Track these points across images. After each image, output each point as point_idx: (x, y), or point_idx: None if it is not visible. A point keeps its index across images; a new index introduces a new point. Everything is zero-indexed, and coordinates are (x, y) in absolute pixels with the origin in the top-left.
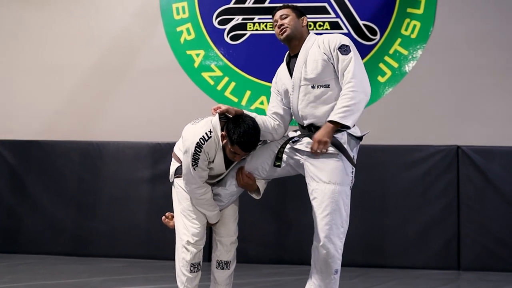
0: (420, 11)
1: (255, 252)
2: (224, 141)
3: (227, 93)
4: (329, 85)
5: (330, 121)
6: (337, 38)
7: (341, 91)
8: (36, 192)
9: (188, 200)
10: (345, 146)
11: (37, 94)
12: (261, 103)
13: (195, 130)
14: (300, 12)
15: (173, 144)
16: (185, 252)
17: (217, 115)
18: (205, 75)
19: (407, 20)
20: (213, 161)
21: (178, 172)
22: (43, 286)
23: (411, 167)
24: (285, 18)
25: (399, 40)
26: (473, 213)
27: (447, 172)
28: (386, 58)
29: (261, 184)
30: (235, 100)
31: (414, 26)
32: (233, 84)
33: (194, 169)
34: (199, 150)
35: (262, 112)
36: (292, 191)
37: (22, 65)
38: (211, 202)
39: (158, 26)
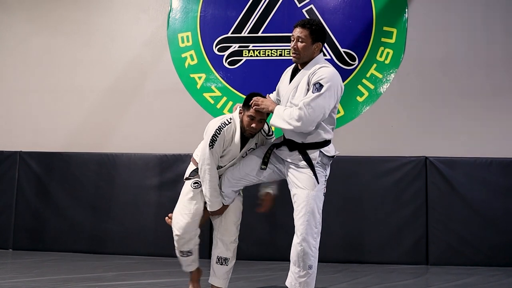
0: (392, 41)
1: (250, 251)
2: (241, 114)
3: (225, 111)
4: None
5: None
6: (320, 76)
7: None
8: (58, 197)
9: (185, 196)
10: (315, 162)
11: (60, 112)
12: None
13: (219, 118)
14: (316, 37)
15: (178, 155)
16: (175, 241)
17: (238, 108)
18: (206, 95)
19: (382, 48)
20: (230, 145)
21: (191, 174)
22: (64, 279)
23: (385, 176)
24: (300, 41)
25: (374, 65)
26: (439, 215)
27: (417, 180)
28: (364, 81)
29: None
30: None
31: (388, 53)
32: (230, 103)
33: (210, 149)
34: (218, 132)
35: None
36: (281, 198)
37: (47, 87)
38: (216, 188)
39: (165, 53)
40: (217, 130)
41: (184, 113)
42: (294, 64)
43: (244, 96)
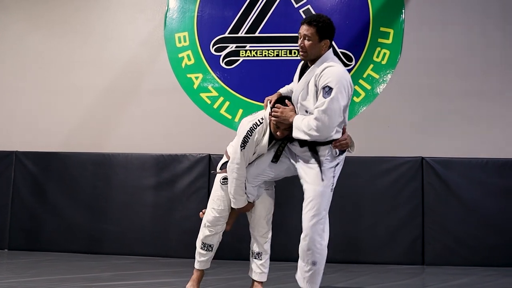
0: (389, 41)
1: (248, 251)
2: (270, 117)
3: (222, 111)
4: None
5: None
6: (327, 78)
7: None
8: (55, 197)
9: (215, 191)
10: (324, 159)
11: (56, 112)
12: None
13: (251, 118)
14: (324, 35)
15: (175, 155)
16: (201, 231)
17: (268, 107)
18: (203, 95)
19: (378, 48)
20: (259, 144)
21: (223, 167)
22: (60, 280)
23: (381, 176)
24: (307, 39)
25: (371, 65)
26: (435, 216)
27: (413, 180)
28: (361, 81)
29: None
30: (229, 117)
31: (384, 54)
32: (227, 103)
33: (241, 150)
34: (250, 134)
35: None
36: (279, 200)
37: (44, 86)
38: (242, 186)
39: (162, 53)
40: (248, 132)
41: (181, 113)
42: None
43: (241, 97)
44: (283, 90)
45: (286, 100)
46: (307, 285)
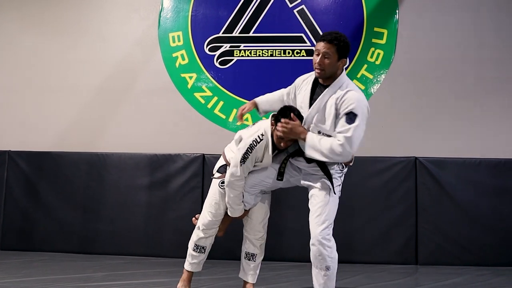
0: (383, 41)
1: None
2: (273, 127)
3: (216, 111)
4: (330, 136)
5: (305, 137)
6: (351, 104)
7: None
8: (48, 197)
9: (213, 196)
10: (333, 172)
11: (50, 111)
12: (246, 119)
13: (251, 132)
14: (343, 54)
15: (169, 155)
16: (195, 233)
17: (269, 119)
18: (197, 95)
19: (372, 49)
20: (261, 161)
21: (220, 171)
22: (53, 280)
23: (375, 176)
24: (326, 58)
25: (365, 66)
26: (429, 216)
27: (407, 180)
28: (354, 81)
29: None
30: (223, 117)
31: (378, 54)
32: (221, 103)
33: (241, 165)
34: (250, 151)
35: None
36: (273, 200)
37: (37, 86)
38: (240, 197)
39: (156, 52)
40: (248, 149)
41: (175, 113)
42: (313, 79)
43: (235, 96)
44: (259, 99)
45: (292, 114)
46: None
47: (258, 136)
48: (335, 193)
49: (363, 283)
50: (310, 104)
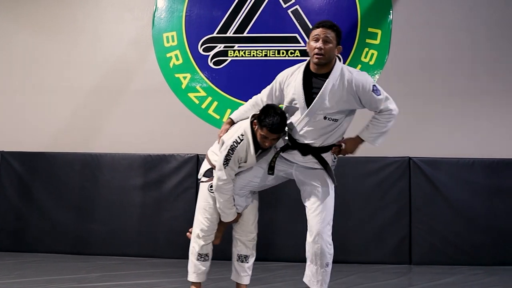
0: (377, 42)
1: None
2: (256, 127)
3: (210, 111)
4: (337, 119)
5: (361, 138)
6: (367, 82)
7: (374, 115)
8: (41, 198)
9: (205, 201)
10: (330, 163)
11: (43, 112)
12: None
13: (230, 133)
14: (340, 40)
15: (162, 155)
16: (195, 242)
17: (248, 120)
18: (191, 95)
19: (366, 49)
20: (245, 161)
21: (206, 175)
22: (47, 281)
23: (369, 176)
24: (327, 43)
25: (359, 66)
26: (422, 215)
27: (400, 180)
28: None
29: None
30: (217, 117)
31: (372, 54)
32: (215, 103)
33: (225, 168)
34: (231, 153)
35: None
36: (266, 200)
37: (31, 86)
38: (231, 200)
39: (150, 52)
40: (229, 150)
41: (169, 113)
42: (304, 68)
43: (229, 97)
44: (234, 116)
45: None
46: (322, 287)
47: (238, 137)
48: (334, 184)
49: (357, 283)
50: (306, 94)
